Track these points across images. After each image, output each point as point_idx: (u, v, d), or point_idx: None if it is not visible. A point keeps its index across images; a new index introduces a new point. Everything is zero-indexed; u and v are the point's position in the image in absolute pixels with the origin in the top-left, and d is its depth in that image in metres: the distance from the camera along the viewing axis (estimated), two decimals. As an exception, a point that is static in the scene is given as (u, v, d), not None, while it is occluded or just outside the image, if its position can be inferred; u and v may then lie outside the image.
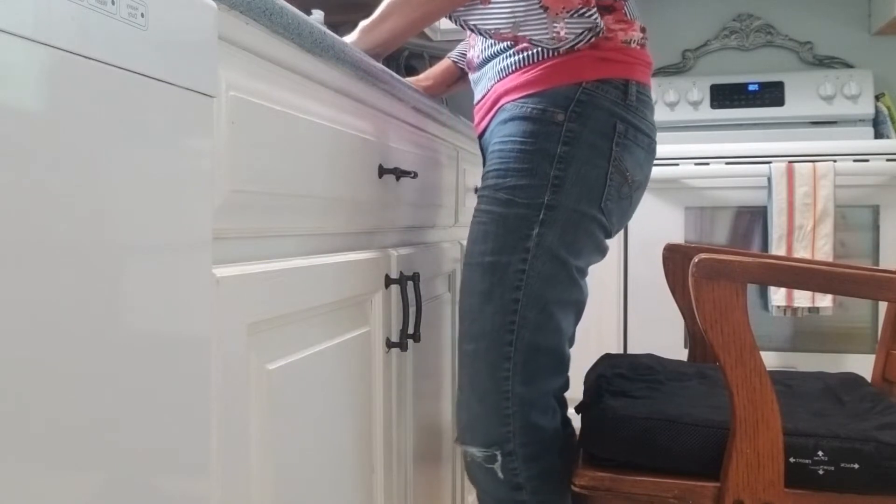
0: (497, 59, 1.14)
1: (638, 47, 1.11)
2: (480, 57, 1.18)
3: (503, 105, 1.11)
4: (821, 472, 0.91)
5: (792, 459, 0.91)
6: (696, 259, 0.90)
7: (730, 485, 0.91)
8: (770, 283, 0.91)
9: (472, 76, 1.23)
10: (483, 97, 1.18)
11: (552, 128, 1.05)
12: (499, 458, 1.06)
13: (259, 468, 0.72)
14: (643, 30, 1.13)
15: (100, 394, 0.49)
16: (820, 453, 0.91)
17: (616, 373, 1.21)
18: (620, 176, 1.08)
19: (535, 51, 1.09)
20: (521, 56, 1.10)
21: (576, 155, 1.05)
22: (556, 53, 1.07)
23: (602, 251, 1.12)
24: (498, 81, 1.13)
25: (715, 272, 0.89)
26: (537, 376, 1.06)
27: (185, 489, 0.59)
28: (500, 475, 1.07)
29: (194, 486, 0.60)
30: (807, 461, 0.91)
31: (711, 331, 0.90)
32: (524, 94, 1.08)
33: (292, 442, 0.78)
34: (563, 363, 1.10)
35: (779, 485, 0.90)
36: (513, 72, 1.11)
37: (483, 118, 1.18)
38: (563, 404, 1.17)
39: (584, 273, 1.10)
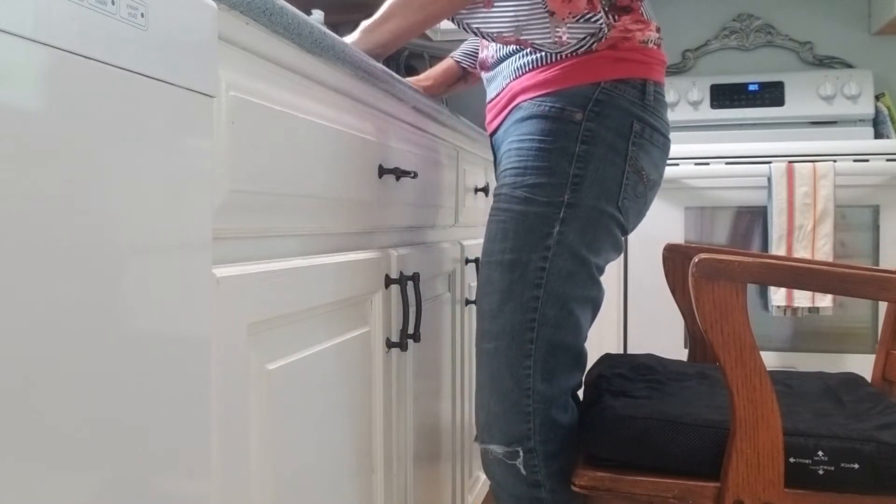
0: (513, 58, 1.14)
1: (654, 47, 1.12)
2: (495, 56, 1.18)
3: (519, 103, 1.12)
4: (821, 472, 0.90)
5: (792, 459, 0.91)
6: (695, 259, 0.90)
7: (730, 485, 0.91)
8: (770, 283, 0.91)
9: (485, 75, 1.23)
10: (497, 95, 1.18)
11: (571, 126, 1.06)
12: (521, 454, 1.07)
13: (259, 468, 0.72)
14: (658, 30, 1.14)
15: (100, 394, 0.49)
16: (820, 453, 0.91)
17: (616, 373, 1.21)
18: (636, 175, 1.08)
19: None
20: (538, 55, 1.10)
21: (594, 154, 1.05)
22: (574, 53, 1.08)
23: (619, 249, 1.13)
24: (514, 80, 1.13)
25: (715, 272, 0.89)
26: (557, 373, 1.07)
27: (185, 489, 0.59)
28: (523, 471, 1.07)
29: (194, 486, 0.60)
30: (807, 461, 0.91)
31: (711, 331, 0.90)
32: (541, 92, 1.09)
33: (292, 442, 0.78)
34: (581, 360, 1.10)
35: (779, 485, 0.90)
36: (529, 70, 1.11)
37: (497, 116, 1.18)
38: (579, 403, 1.17)
39: (601, 271, 1.11)
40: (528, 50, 1.11)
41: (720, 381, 1.20)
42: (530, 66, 1.11)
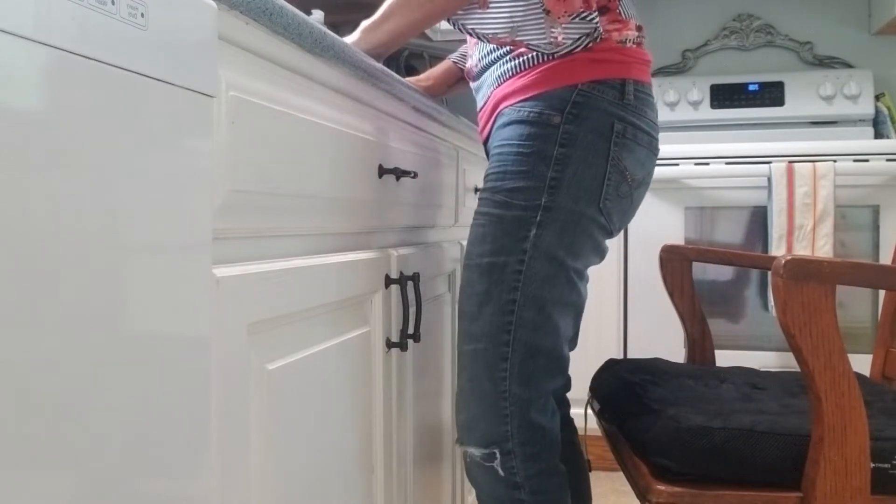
0: (495, 66, 1.15)
1: (634, 46, 1.11)
2: (479, 65, 1.19)
3: (502, 110, 1.12)
4: None
5: (872, 464, 0.88)
6: (783, 260, 0.86)
7: (817, 494, 0.87)
8: (859, 284, 0.88)
9: (472, 85, 1.24)
10: (484, 104, 1.19)
11: (549, 130, 1.06)
12: (497, 456, 1.07)
13: (259, 468, 0.72)
14: (639, 28, 1.14)
15: (99, 393, 0.49)
16: None
17: (644, 379, 1.18)
18: (619, 175, 1.08)
19: (531, 55, 1.09)
20: (517, 61, 1.11)
21: (573, 156, 1.05)
22: (551, 57, 1.08)
23: (600, 253, 1.12)
24: (497, 87, 1.14)
25: (804, 273, 0.86)
26: (535, 377, 1.07)
27: (185, 489, 0.59)
28: (501, 472, 1.07)
29: (194, 486, 0.60)
30: (886, 465, 0.88)
31: (800, 335, 0.86)
32: (521, 98, 1.09)
33: (292, 442, 0.78)
34: (560, 364, 1.10)
35: (865, 492, 0.87)
36: (510, 77, 1.12)
37: (485, 124, 1.19)
38: (565, 404, 1.17)
39: (581, 275, 1.10)
40: (509, 57, 1.12)
41: (738, 382, 1.19)
42: (511, 72, 1.12)
